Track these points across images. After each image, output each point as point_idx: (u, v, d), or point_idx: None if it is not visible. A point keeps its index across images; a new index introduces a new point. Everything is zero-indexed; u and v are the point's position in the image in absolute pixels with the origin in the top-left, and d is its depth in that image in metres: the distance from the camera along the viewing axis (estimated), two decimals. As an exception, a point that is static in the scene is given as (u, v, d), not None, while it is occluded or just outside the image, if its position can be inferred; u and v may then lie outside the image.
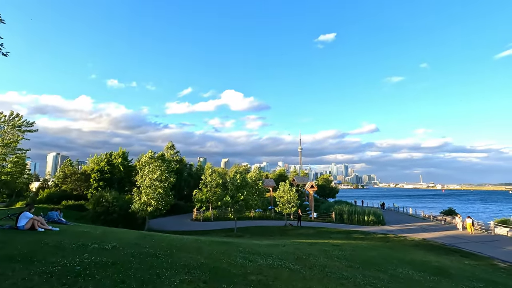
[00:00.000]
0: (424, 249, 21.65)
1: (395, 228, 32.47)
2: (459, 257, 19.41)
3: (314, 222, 36.95)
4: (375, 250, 18.55)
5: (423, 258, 16.99)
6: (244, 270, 8.66)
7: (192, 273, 7.41)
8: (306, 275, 9.35)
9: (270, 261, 10.56)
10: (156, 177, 27.96)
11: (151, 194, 27.33)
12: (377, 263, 13.51)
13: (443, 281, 11.47)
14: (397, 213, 51.48)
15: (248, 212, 39.43)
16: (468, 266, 16.37)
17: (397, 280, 10.52)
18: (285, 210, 33.92)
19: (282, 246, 16.02)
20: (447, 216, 41.51)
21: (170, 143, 54.97)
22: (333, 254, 14.88)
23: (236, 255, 10.89)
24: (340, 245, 18.96)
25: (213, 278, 7.30)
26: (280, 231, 30.15)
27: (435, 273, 12.86)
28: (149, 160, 29.18)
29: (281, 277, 8.50)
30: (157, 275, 6.66)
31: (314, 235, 26.78)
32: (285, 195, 33.86)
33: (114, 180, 42.72)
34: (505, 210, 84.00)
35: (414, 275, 11.92)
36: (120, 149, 45.74)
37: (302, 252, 14.05)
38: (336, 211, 39.56)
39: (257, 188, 33.82)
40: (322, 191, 73.26)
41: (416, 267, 13.94)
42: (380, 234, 28.23)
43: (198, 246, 11.82)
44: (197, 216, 38.94)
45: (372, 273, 11.25)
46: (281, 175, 71.50)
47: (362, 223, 36.34)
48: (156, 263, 7.81)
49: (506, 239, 26.00)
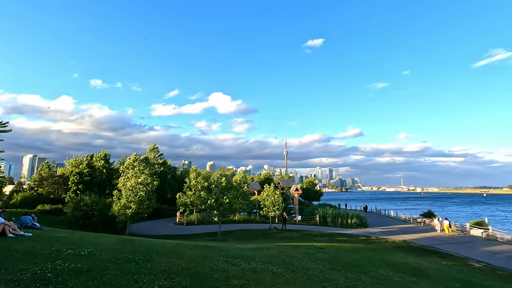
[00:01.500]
0: (405, 251, 22.17)
1: (377, 231, 33.12)
2: (437, 258, 19.99)
3: (299, 225, 37.13)
4: (358, 253, 18.80)
5: (403, 260, 17.37)
6: (226, 275, 8.52)
7: (172, 278, 7.21)
8: (289, 278, 9.31)
9: (253, 265, 10.46)
10: (140, 181, 27.30)
11: (131, 197, 26.62)
12: (359, 265, 13.68)
13: (421, 282, 11.74)
14: (379, 216, 52.59)
15: (232, 216, 39.13)
16: (445, 267, 16.88)
17: (378, 282, 10.67)
18: (270, 213, 33.90)
19: (266, 250, 15.95)
20: (426, 218, 42.81)
21: (154, 145, 53.93)
22: (316, 257, 14.95)
23: (218, 259, 10.72)
24: (324, 248, 19.10)
25: (194, 283, 7.13)
26: (264, 234, 30.07)
27: (414, 274, 13.17)
28: (132, 163, 28.45)
29: (264, 281, 8.43)
30: (134, 281, 6.43)
31: (298, 238, 26.87)
32: (270, 198, 33.88)
33: (94, 183, 41.33)
34: (480, 212, 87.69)
35: (394, 276, 12.15)
36: (102, 151, 44.37)
37: (286, 256, 14.04)
38: (320, 214, 39.94)
39: (242, 191, 33.64)
40: (306, 194, 73.89)
41: (396, 268, 14.22)
42: (362, 237, 28.70)
43: (180, 251, 11.55)
44: (181, 220, 38.27)
45: (354, 275, 11.37)
46: (267, 178, 71.57)
47: (346, 225, 36.84)
48: (134, 268, 7.55)
49: (481, 240, 27.06)
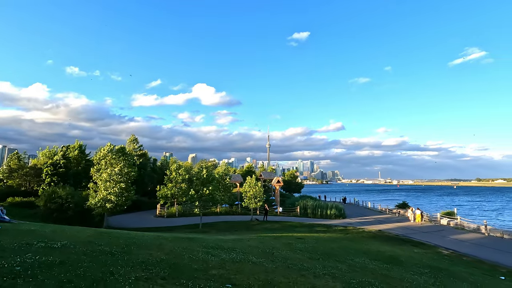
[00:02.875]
0: (380, 240, 23.11)
1: (354, 221, 34.24)
2: (409, 246, 20.99)
3: (280, 217, 37.68)
4: (336, 242, 19.39)
5: (378, 248, 18.10)
6: (206, 265, 8.52)
7: (150, 269, 7.12)
8: (268, 267, 9.46)
9: (233, 256, 10.52)
10: (116, 171, 26.46)
11: (110, 189, 25.84)
12: (336, 254, 14.12)
13: (394, 269, 12.31)
14: (357, 207, 54.36)
15: (214, 208, 39.05)
16: (417, 254, 17.77)
17: (353, 270, 11.07)
18: (251, 205, 34.11)
19: (247, 241, 16.09)
20: (401, 209, 44.76)
21: (133, 137, 52.50)
22: (296, 246, 15.28)
23: (199, 250, 10.69)
24: (303, 238, 19.54)
25: (173, 274, 7.08)
26: (246, 226, 30.29)
27: (388, 262, 13.78)
28: (107, 154, 27.48)
29: (243, 271, 8.50)
30: (110, 273, 6.28)
31: (279, 229, 27.30)
32: (251, 190, 34.04)
33: (69, 175, 39.74)
34: (450, 203, 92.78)
35: (369, 264, 12.65)
36: (77, 142, 42.60)
37: (266, 246, 14.24)
38: (301, 206, 40.70)
39: (224, 183, 33.55)
40: (288, 186, 75.00)
41: (371, 256, 14.81)
42: (341, 227, 29.58)
43: (159, 243, 11.41)
44: (161, 212, 37.73)
45: (331, 263, 11.73)
46: (249, 170, 71.87)
47: (325, 216, 37.79)
48: (110, 261, 7.37)
49: (450, 229, 28.69)
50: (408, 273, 11.81)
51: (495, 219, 54.35)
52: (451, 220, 31.12)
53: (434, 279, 11.11)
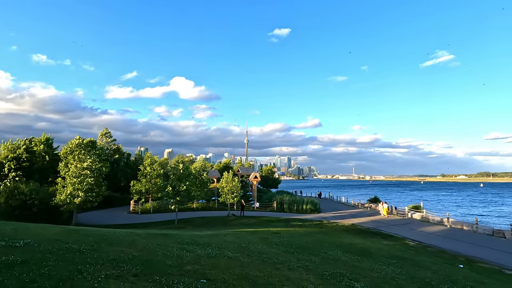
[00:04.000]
0: (352, 233, 24.01)
1: (329, 215, 35.29)
2: (379, 238, 22.01)
3: (257, 212, 37.97)
4: (310, 236, 19.88)
5: (350, 241, 18.80)
6: (181, 261, 8.41)
7: (121, 267, 6.90)
8: (244, 262, 9.51)
9: (209, 251, 10.47)
10: (85, 166, 25.20)
11: (78, 184, 24.61)
12: (311, 248, 14.49)
13: (365, 260, 12.86)
14: (332, 202, 56.06)
15: (190, 203, 38.57)
16: (386, 246, 18.68)
17: (327, 262, 11.43)
18: (228, 200, 34.06)
19: (224, 236, 16.06)
20: (372, 203, 46.77)
21: (106, 130, 50.29)
22: (272, 241, 15.47)
23: (173, 246, 10.52)
24: (279, 233, 19.83)
25: (145, 271, 6.92)
26: (223, 221, 30.22)
27: (359, 254, 14.36)
28: (75, 147, 26.09)
29: (218, 266, 8.49)
30: (78, 272, 6.01)
31: (255, 224, 27.51)
32: (228, 185, 33.96)
33: (34, 170, 37.35)
34: (417, 197, 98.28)
35: (341, 256, 13.11)
36: (44, 135, 40.04)
37: (242, 241, 14.29)
38: (278, 201, 41.25)
39: (200, 179, 33.19)
40: (265, 181, 75.61)
41: (344, 249, 15.36)
42: (316, 221, 30.37)
43: (132, 240, 11.09)
44: (135, 209, 36.65)
45: (305, 256, 12.02)
46: (226, 166, 71.50)
47: (301, 211, 38.61)
48: (78, 259, 7.06)
49: (417, 222, 30.41)
50: (377, 263, 12.38)
51: (456, 212, 58.38)
52: (419, 214, 32.97)
53: (400, 269, 11.74)
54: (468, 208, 68.55)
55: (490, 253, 17.77)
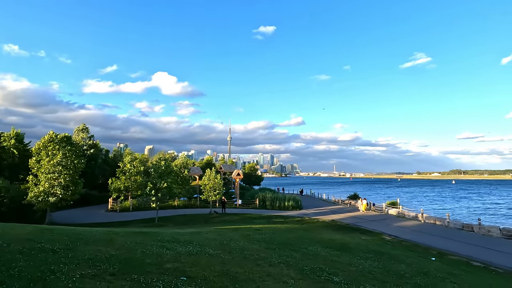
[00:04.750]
0: (332, 229, 24.57)
1: (310, 212, 35.90)
2: (358, 234, 22.66)
3: (239, 209, 37.99)
4: (292, 232, 20.15)
5: (330, 237, 19.25)
6: (160, 259, 8.29)
7: (97, 266, 6.70)
8: (225, 259, 9.51)
9: (190, 248, 10.38)
10: (58, 162, 24.06)
11: (52, 181, 23.54)
12: (292, 244, 14.70)
13: (344, 255, 13.22)
14: (313, 199, 57.04)
15: (172, 201, 37.97)
16: (364, 241, 19.27)
17: (307, 257, 11.65)
18: (210, 198, 33.82)
19: (205, 233, 15.96)
20: (352, 200, 48.03)
21: (83, 125, 48.40)
22: (253, 238, 15.55)
23: (153, 244, 10.34)
24: (261, 230, 19.96)
25: (123, 270, 6.76)
26: (204, 219, 30.01)
27: (339, 249, 14.73)
28: (48, 143, 24.89)
29: (199, 263, 8.44)
30: (51, 272, 5.78)
31: (238, 221, 27.53)
32: (210, 182, 33.71)
33: (3, 167, 35.37)
34: (395, 194, 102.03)
35: (321, 251, 13.40)
36: (13, 130, 37.93)
37: (224, 238, 14.27)
38: (260, 198, 41.46)
39: (182, 176, 32.72)
40: (248, 179, 75.75)
41: (324, 244, 15.70)
42: (297, 218, 30.80)
43: (110, 238, 10.79)
44: (113, 207, 35.62)
45: (286, 252, 12.19)
46: (209, 163, 70.97)
47: (283, 208, 39.02)
48: (52, 259, 6.78)
49: (394, 217, 31.56)
50: (355, 258, 12.76)
51: (430, 208, 61.14)
52: (395, 210, 34.25)
53: (377, 263, 12.16)
54: (440, 204, 72.03)
55: (460, 246, 18.77)
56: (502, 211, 58.76)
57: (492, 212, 57.51)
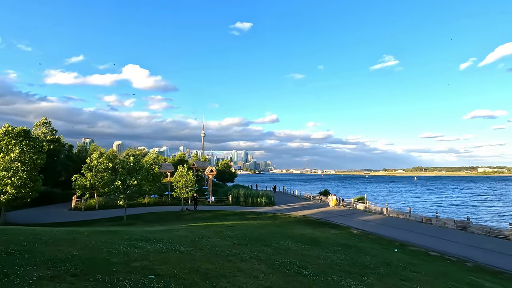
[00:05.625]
0: (304, 224, 25.21)
1: (283, 208, 36.54)
2: (328, 228, 23.47)
3: (212, 206, 37.69)
4: (264, 228, 20.38)
5: (301, 232, 19.73)
6: (127, 258, 7.99)
7: (57, 267, 6.31)
8: (196, 256, 9.39)
9: (159, 246, 10.12)
10: (13, 157, 22.25)
11: (7, 179, 21.71)
12: (264, 239, 14.86)
13: (313, 249, 13.62)
14: (286, 195, 58.08)
15: (141, 199, 36.76)
16: (333, 235, 20.00)
17: (278, 252, 11.85)
18: (182, 195, 33.18)
19: (176, 231, 15.64)
20: (323, 195, 49.57)
21: (45, 119, 45.16)
22: (226, 234, 15.51)
23: (120, 243, 9.94)
24: (234, 226, 19.96)
25: (86, 270, 6.43)
26: (176, 216, 29.40)
27: (309, 243, 15.15)
28: (2, 137, 22.91)
29: (169, 261, 8.26)
30: (4, 275, 5.35)
31: (210, 218, 27.30)
32: (182, 179, 33.06)
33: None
34: (362, 189, 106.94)
35: (292, 246, 13.70)
36: (-38, 122, 34.57)
37: (196, 235, 14.09)
38: (233, 195, 41.43)
39: (152, 173, 31.74)
40: (221, 176, 75.24)
41: (295, 239, 16.06)
42: (270, 214, 31.21)
43: (73, 238, 10.21)
44: (78, 205, 33.74)
45: (258, 248, 12.30)
46: (181, 159, 69.38)
47: (256, 204, 39.33)
48: (5, 261, 6.28)
49: (361, 212, 33.08)
50: (324, 251, 13.21)
51: (394, 202, 64.83)
52: (359, 204, 35.90)
53: (344, 255, 12.68)
54: (403, 199, 76.71)
55: (420, 238, 20.13)
56: (456, 204, 63.95)
57: (448, 205, 62.39)
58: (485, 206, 60.73)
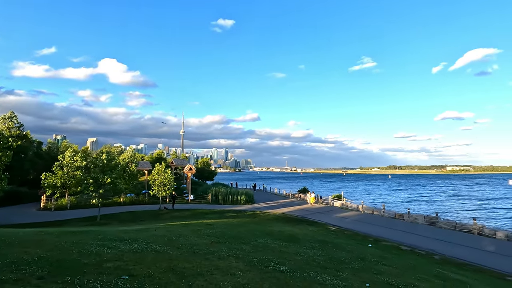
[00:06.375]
0: (282, 222, 25.51)
1: (262, 206, 36.74)
2: (306, 225, 23.89)
3: (191, 204, 37.18)
4: (243, 226, 20.39)
5: (280, 229, 19.94)
6: (100, 259, 7.70)
7: (22, 270, 5.96)
8: (173, 255, 9.23)
9: (134, 246, 9.84)
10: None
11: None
12: (242, 237, 14.87)
13: (291, 245, 13.81)
14: (266, 193, 58.47)
15: (117, 198, 35.58)
16: (311, 232, 20.38)
17: (256, 249, 11.90)
18: (160, 193, 32.46)
19: (154, 230, 15.28)
20: (302, 193, 50.42)
21: (11, 113, 42.39)
22: (204, 233, 15.36)
23: (92, 243, 9.56)
24: (213, 224, 19.82)
25: (54, 272, 6.12)
26: (153, 215, 28.73)
27: (287, 240, 15.35)
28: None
29: (144, 261, 8.05)
30: (-41, 280, 4.97)
31: (189, 217, 26.93)
32: (160, 177, 32.33)
33: None
34: (339, 187, 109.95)
35: (271, 243, 13.82)
36: None
37: (173, 234, 13.84)
38: (213, 193, 41.12)
39: (129, 171, 30.79)
40: (201, 174, 74.43)
41: (273, 237, 16.20)
42: (249, 212, 31.28)
43: (41, 239, 9.70)
44: (48, 205, 32.05)
45: (237, 245, 12.29)
46: (160, 157, 67.82)
47: (236, 203, 39.28)
48: (-38, 265, 5.84)
49: (338, 209, 33.96)
50: (302, 248, 13.43)
51: (369, 199, 67.21)
52: (336, 201, 36.89)
53: (321, 251, 12.97)
54: (378, 196, 79.73)
55: (392, 233, 21.00)
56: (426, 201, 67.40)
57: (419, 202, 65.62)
58: (452, 202, 64.51)
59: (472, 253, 15.83)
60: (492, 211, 50.76)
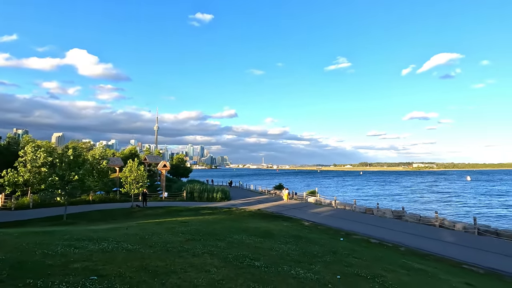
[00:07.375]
0: (258, 218, 25.71)
1: (238, 202, 36.77)
2: (281, 221, 24.26)
3: (165, 202, 36.36)
4: (219, 223, 20.30)
5: (255, 225, 20.08)
6: (66, 260, 7.32)
7: (-23, 274, 5.52)
8: (145, 253, 8.99)
9: (104, 245, 9.46)
10: None
11: None
12: (218, 234, 14.80)
13: (266, 241, 13.98)
14: (242, 190, 58.57)
15: (85, 196, 33.93)
16: (286, 227, 20.74)
17: (232, 246, 11.91)
18: (132, 191, 31.39)
19: (125, 229, 14.76)
20: (277, 190, 51.09)
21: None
22: (178, 230, 15.09)
23: (58, 244, 9.06)
24: (187, 222, 19.53)
25: (15, 275, 5.74)
26: (125, 213, 27.75)
27: (262, 236, 15.50)
28: None
29: (114, 260, 7.77)
30: None
31: (162, 215, 26.33)
32: (132, 174, 31.25)
33: None
34: (314, 183, 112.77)
35: (246, 239, 13.88)
36: None
37: (146, 232, 13.47)
38: (188, 190, 40.48)
39: (99, 168, 29.45)
40: (176, 170, 72.88)
41: (249, 233, 16.29)
42: (225, 208, 31.18)
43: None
44: (7, 204, 29.84)
45: (212, 242, 12.22)
46: (132, 154, 65.40)
47: (211, 200, 38.97)
48: None
49: (312, 205, 34.83)
50: (276, 243, 13.64)
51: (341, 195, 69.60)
52: (310, 197, 37.83)
53: (295, 246, 13.26)
54: (350, 191, 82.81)
55: (363, 227, 21.93)
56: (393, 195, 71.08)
57: (387, 196, 69.07)
58: (417, 197, 68.58)
59: (433, 244, 16.95)
60: (451, 204, 54.68)
